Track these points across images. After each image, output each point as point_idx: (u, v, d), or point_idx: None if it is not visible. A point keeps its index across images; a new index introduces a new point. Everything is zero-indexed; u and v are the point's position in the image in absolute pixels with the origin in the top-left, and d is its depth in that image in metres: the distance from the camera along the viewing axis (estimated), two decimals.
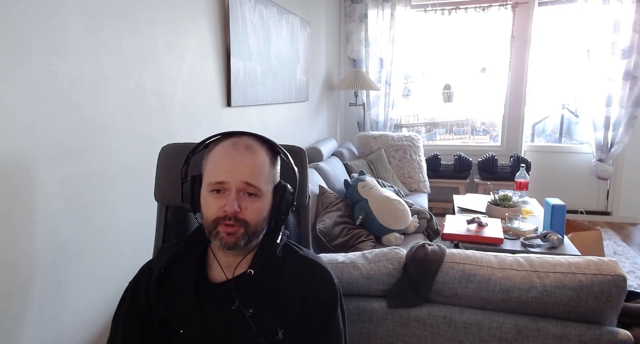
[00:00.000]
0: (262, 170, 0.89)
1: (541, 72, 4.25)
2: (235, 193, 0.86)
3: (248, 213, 0.87)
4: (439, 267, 1.19)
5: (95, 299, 1.38)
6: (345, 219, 2.47)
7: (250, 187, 0.86)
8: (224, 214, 0.85)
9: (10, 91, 1.06)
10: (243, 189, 0.86)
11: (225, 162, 0.87)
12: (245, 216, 0.86)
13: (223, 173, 0.86)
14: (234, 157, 0.87)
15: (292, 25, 2.92)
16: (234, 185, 0.85)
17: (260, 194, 0.88)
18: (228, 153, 0.88)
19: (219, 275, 0.94)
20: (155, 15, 1.58)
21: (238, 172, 0.86)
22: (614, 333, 1.09)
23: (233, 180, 0.85)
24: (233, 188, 0.86)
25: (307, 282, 0.92)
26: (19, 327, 1.13)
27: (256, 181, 0.87)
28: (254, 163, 0.88)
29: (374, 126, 4.40)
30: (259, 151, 0.90)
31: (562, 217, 2.18)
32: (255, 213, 0.88)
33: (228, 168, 0.86)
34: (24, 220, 1.13)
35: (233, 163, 0.87)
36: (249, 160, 0.87)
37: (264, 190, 0.89)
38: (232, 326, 0.89)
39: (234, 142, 0.89)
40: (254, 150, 0.89)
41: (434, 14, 4.21)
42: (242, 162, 0.87)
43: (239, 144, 0.89)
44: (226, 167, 0.87)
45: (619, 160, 4.02)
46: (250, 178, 0.86)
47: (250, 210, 0.87)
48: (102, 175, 1.37)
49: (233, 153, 0.88)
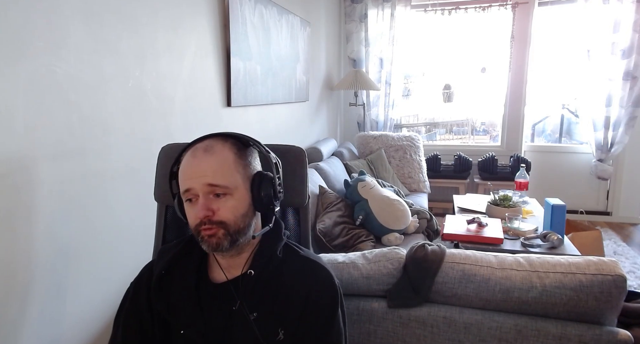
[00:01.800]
0: (224, 167, 0.88)
1: (541, 72, 4.25)
2: (203, 197, 0.86)
3: (222, 213, 0.87)
4: (439, 267, 1.19)
5: (95, 299, 1.38)
6: (345, 219, 2.47)
7: (216, 187, 0.86)
8: (199, 220, 0.86)
9: (10, 91, 1.06)
10: (209, 191, 0.86)
11: (187, 169, 0.88)
12: (220, 216, 0.86)
13: (188, 181, 0.87)
14: (193, 163, 0.88)
15: (292, 25, 2.91)
16: (199, 189, 0.86)
17: (229, 191, 0.87)
18: (189, 161, 0.89)
19: (220, 275, 0.94)
20: (155, 15, 1.58)
21: (200, 176, 0.86)
22: (614, 333, 1.09)
23: (197, 185, 0.86)
24: (199, 192, 0.86)
25: (308, 283, 0.92)
26: (18, 327, 1.13)
27: (219, 181, 0.86)
28: (213, 163, 0.87)
29: (374, 126, 4.40)
30: (220, 150, 0.89)
31: (562, 217, 2.18)
32: (230, 211, 0.87)
33: (190, 175, 0.87)
34: (23, 220, 1.13)
35: (193, 168, 0.87)
36: (207, 162, 0.87)
37: (233, 187, 0.88)
38: (233, 327, 0.89)
39: (194, 148, 0.90)
40: (212, 151, 0.89)
41: (434, 14, 4.21)
42: (202, 166, 0.87)
43: (197, 149, 0.89)
44: (188, 174, 0.88)
45: (619, 160, 4.02)
46: (212, 179, 0.86)
47: (223, 210, 0.87)
48: (102, 175, 1.37)
49: (193, 159, 0.88)
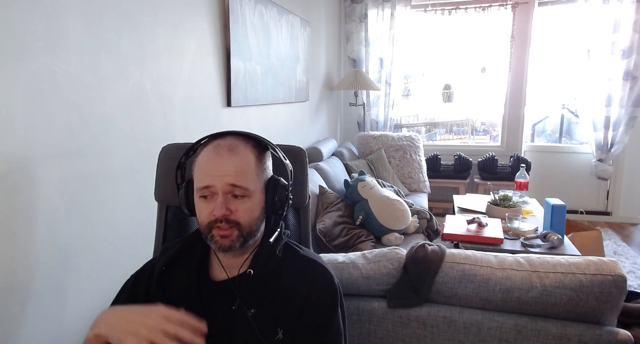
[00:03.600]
0: (247, 169, 0.88)
1: (541, 72, 4.25)
2: (223, 196, 0.86)
3: (239, 215, 0.87)
4: (439, 267, 1.19)
5: (95, 299, 1.37)
6: (345, 219, 2.47)
7: (237, 188, 0.86)
8: (214, 218, 0.86)
9: (10, 91, 1.06)
10: (229, 191, 0.86)
11: (209, 166, 0.87)
12: (237, 217, 0.87)
13: (208, 178, 0.86)
14: (216, 160, 0.87)
15: (292, 25, 2.91)
16: (220, 188, 0.86)
17: (248, 194, 0.88)
18: (210, 157, 0.88)
19: (220, 274, 0.94)
20: (155, 16, 1.58)
21: (222, 175, 0.86)
22: (614, 333, 1.09)
23: (218, 184, 0.85)
24: (219, 191, 0.86)
25: (308, 282, 0.92)
26: (18, 327, 1.13)
27: (242, 182, 0.86)
28: (237, 164, 0.87)
29: (374, 126, 4.40)
30: (243, 150, 0.89)
31: (562, 217, 2.18)
32: (247, 213, 0.88)
33: (212, 172, 0.86)
34: (23, 220, 1.13)
35: (216, 166, 0.87)
36: (231, 162, 0.87)
37: (252, 189, 0.88)
38: (233, 326, 0.89)
39: (216, 144, 0.89)
40: (236, 151, 0.88)
41: (434, 14, 4.21)
42: (225, 165, 0.86)
43: (221, 147, 0.88)
44: (210, 171, 0.87)
45: (619, 160, 4.02)
46: (235, 180, 0.86)
47: (240, 211, 0.87)
48: (102, 175, 1.37)
49: (215, 156, 0.87)
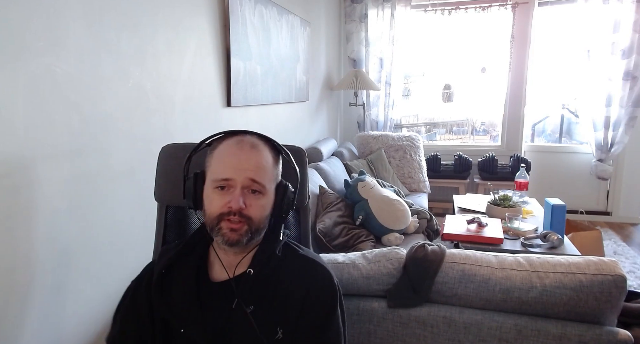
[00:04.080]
0: (266, 168, 0.91)
1: (541, 72, 4.24)
2: (240, 190, 0.87)
3: (252, 210, 0.88)
4: (439, 267, 1.19)
5: (96, 299, 1.37)
6: (345, 219, 2.47)
7: (255, 184, 0.88)
8: (229, 210, 0.87)
9: (10, 91, 1.06)
10: (248, 186, 0.88)
11: (231, 159, 0.89)
12: (250, 212, 0.88)
13: (229, 170, 0.88)
14: (239, 155, 0.89)
15: (292, 25, 2.91)
16: (240, 181, 0.87)
17: (264, 191, 0.90)
18: (233, 151, 0.90)
19: (220, 274, 0.94)
20: (155, 15, 1.58)
21: (243, 169, 0.88)
22: (614, 333, 1.09)
23: (239, 177, 0.87)
24: (238, 184, 0.87)
25: (307, 282, 0.92)
26: (19, 327, 1.13)
27: (261, 179, 0.89)
28: (259, 160, 0.90)
29: (374, 126, 4.40)
30: (263, 150, 0.92)
31: (562, 217, 2.18)
32: (259, 210, 0.90)
33: (234, 165, 0.88)
34: (23, 220, 1.13)
35: (239, 160, 0.89)
36: (254, 158, 0.89)
37: (268, 188, 0.91)
38: (232, 326, 0.89)
39: (239, 140, 0.91)
40: (258, 149, 0.91)
41: (434, 14, 4.21)
42: (248, 160, 0.89)
43: (244, 142, 0.91)
44: (232, 164, 0.88)
45: (619, 160, 4.02)
46: (255, 175, 0.88)
47: (254, 207, 0.89)
48: (102, 175, 1.37)
49: (238, 151, 0.90)
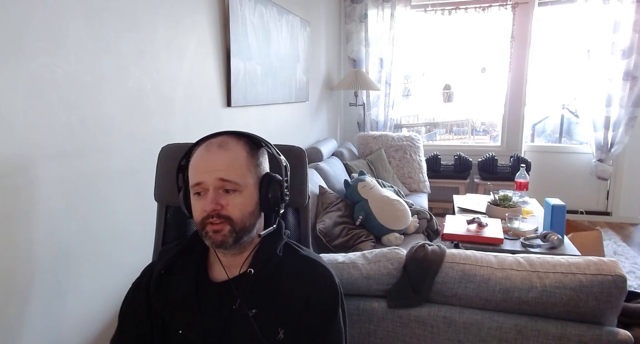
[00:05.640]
0: (237, 164, 0.89)
1: (541, 72, 4.24)
2: (213, 191, 0.87)
3: (230, 209, 0.87)
4: (439, 267, 1.19)
5: (95, 299, 1.37)
6: (345, 219, 2.47)
7: (227, 183, 0.87)
8: (206, 213, 0.86)
9: (10, 91, 1.06)
10: (220, 186, 0.87)
11: (200, 163, 0.89)
12: (228, 212, 0.87)
13: (199, 174, 0.88)
14: (207, 157, 0.89)
15: (292, 25, 2.91)
16: (210, 183, 0.87)
17: (239, 188, 0.88)
18: (202, 155, 0.90)
19: (220, 274, 0.94)
20: (155, 15, 1.58)
21: (212, 170, 0.87)
22: (614, 333, 1.09)
23: (209, 179, 0.87)
24: (210, 186, 0.87)
25: (309, 282, 0.92)
26: (19, 327, 1.13)
27: (232, 176, 0.87)
28: (227, 159, 0.89)
29: (374, 126, 4.40)
30: (234, 146, 0.90)
31: (562, 217, 2.18)
32: (238, 208, 0.88)
33: (202, 169, 0.88)
34: (23, 220, 1.13)
35: (206, 162, 0.88)
36: (221, 157, 0.88)
37: (243, 184, 0.89)
38: (233, 327, 0.89)
39: (208, 143, 0.91)
40: (227, 147, 0.90)
41: (434, 14, 4.21)
42: (215, 160, 0.88)
43: (212, 144, 0.90)
44: (201, 168, 0.88)
45: (619, 160, 4.02)
46: (224, 174, 0.87)
47: (232, 206, 0.88)
48: (102, 175, 1.37)
49: (206, 153, 0.89)
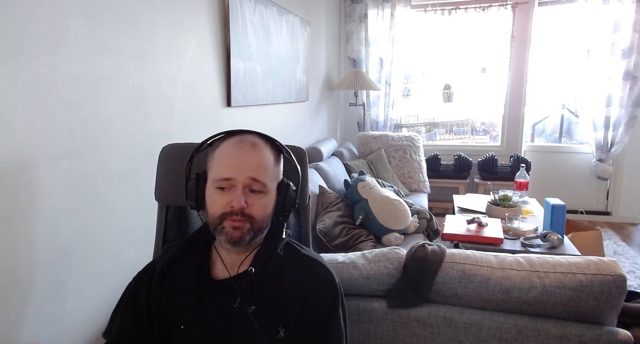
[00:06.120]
0: (267, 167, 0.91)
1: (541, 72, 4.24)
2: (242, 189, 0.87)
3: (254, 209, 0.88)
4: (439, 267, 1.19)
5: (95, 299, 1.37)
6: (345, 219, 2.47)
7: (256, 183, 0.88)
8: (231, 209, 0.87)
9: (10, 91, 1.06)
10: (249, 185, 0.88)
11: (232, 158, 0.89)
12: (252, 211, 0.88)
13: (229, 170, 0.88)
14: (239, 154, 0.89)
15: (292, 25, 2.91)
16: (241, 181, 0.87)
17: (265, 190, 0.90)
18: (234, 151, 0.90)
19: (222, 272, 0.94)
20: (155, 16, 1.58)
21: (244, 169, 0.88)
22: (614, 333, 1.09)
23: (239, 176, 0.87)
24: (240, 184, 0.87)
25: (309, 281, 0.92)
26: (19, 327, 1.13)
27: (262, 178, 0.89)
28: (260, 160, 0.90)
29: (374, 126, 4.40)
30: (264, 148, 0.92)
31: (562, 217, 2.18)
32: (261, 209, 0.90)
33: (234, 165, 0.88)
34: (23, 220, 1.13)
35: (239, 160, 0.89)
36: (254, 157, 0.89)
37: (269, 187, 0.91)
38: (233, 324, 0.89)
39: (240, 139, 0.92)
40: (259, 148, 0.91)
41: (434, 14, 4.21)
42: (248, 159, 0.89)
43: (244, 141, 0.91)
44: (232, 164, 0.89)
45: (619, 160, 4.02)
46: (256, 174, 0.88)
47: (256, 206, 0.89)
48: (102, 175, 1.37)
49: (239, 150, 0.90)
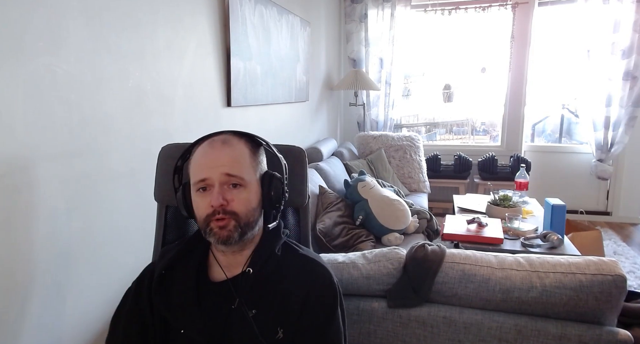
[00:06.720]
0: (242, 160, 0.90)
1: (541, 72, 4.24)
2: (219, 187, 0.87)
3: (236, 205, 0.88)
4: (439, 267, 1.19)
5: (95, 299, 1.37)
6: (345, 219, 2.47)
7: (232, 178, 0.88)
8: (212, 209, 0.87)
9: (10, 91, 1.06)
10: (226, 181, 0.88)
11: (204, 159, 0.90)
12: (234, 207, 0.88)
13: (204, 170, 0.88)
14: (211, 153, 0.89)
15: (292, 25, 2.91)
16: (216, 179, 0.87)
17: (244, 183, 0.89)
18: (206, 151, 0.90)
19: (219, 274, 0.94)
20: (155, 15, 1.58)
21: (217, 166, 0.87)
22: (614, 333, 1.09)
23: (214, 174, 0.87)
24: (215, 182, 0.87)
25: (308, 281, 0.92)
26: (19, 327, 1.13)
27: (237, 171, 0.88)
28: (232, 154, 0.89)
29: (374, 126, 4.40)
30: (237, 143, 0.92)
31: (562, 217, 2.18)
32: (243, 203, 0.89)
33: (207, 165, 0.88)
34: (23, 220, 1.13)
35: (211, 158, 0.89)
36: (226, 153, 0.89)
37: (248, 179, 0.90)
38: (232, 326, 0.89)
39: (210, 140, 0.92)
40: (230, 143, 0.91)
41: (434, 14, 4.21)
42: (220, 156, 0.89)
43: (215, 141, 0.91)
44: (205, 164, 0.89)
45: (619, 160, 4.02)
46: (230, 170, 0.88)
47: (237, 201, 0.88)
48: (102, 175, 1.37)
49: (211, 150, 0.90)
